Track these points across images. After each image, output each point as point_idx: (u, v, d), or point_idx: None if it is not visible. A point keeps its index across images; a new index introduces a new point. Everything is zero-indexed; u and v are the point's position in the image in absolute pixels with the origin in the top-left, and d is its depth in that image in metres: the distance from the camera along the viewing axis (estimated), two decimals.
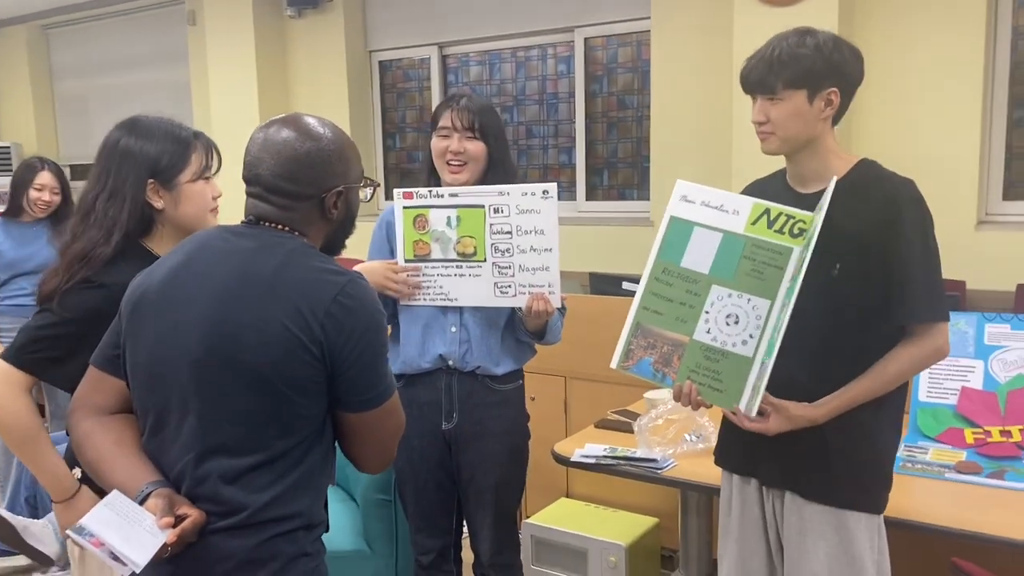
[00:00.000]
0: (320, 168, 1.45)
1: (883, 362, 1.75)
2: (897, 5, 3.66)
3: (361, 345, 1.40)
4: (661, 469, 2.28)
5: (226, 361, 1.36)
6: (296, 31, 5.43)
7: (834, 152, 1.84)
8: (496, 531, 2.39)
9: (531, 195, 2.17)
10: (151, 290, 1.45)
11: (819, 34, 1.79)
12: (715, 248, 1.84)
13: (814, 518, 1.80)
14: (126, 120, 1.86)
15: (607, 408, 2.92)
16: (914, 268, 1.72)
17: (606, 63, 4.70)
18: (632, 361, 1.89)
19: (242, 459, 1.37)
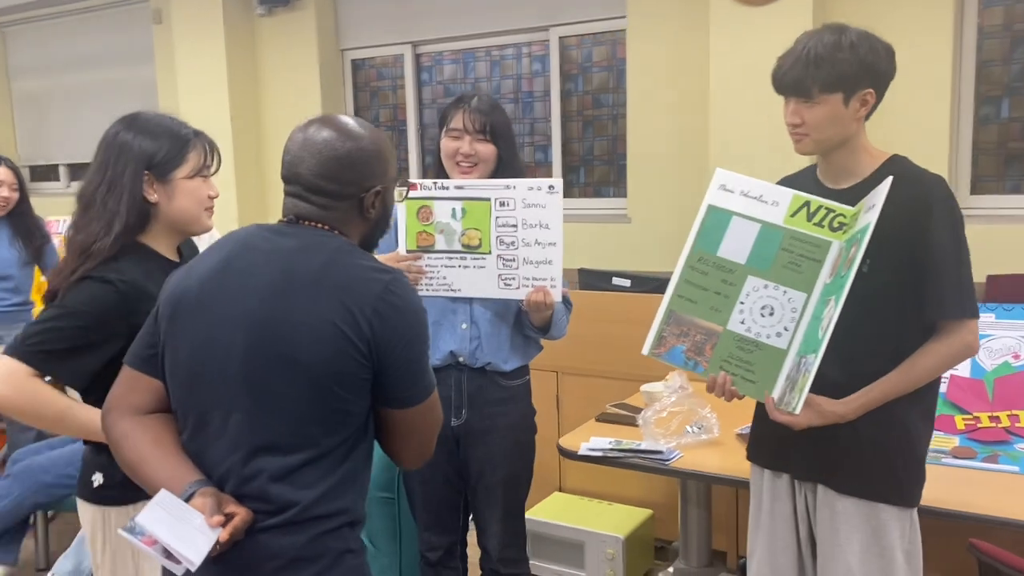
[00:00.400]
0: (360, 168, 1.47)
1: (912, 358, 1.76)
2: (869, 7, 3.75)
3: (406, 342, 1.42)
4: (668, 461, 2.33)
5: (275, 359, 1.37)
6: (267, 29, 5.38)
7: (866, 149, 1.85)
8: (504, 526, 2.41)
9: (537, 190, 2.20)
10: (191, 290, 1.45)
11: (852, 32, 1.77)
12: (753, 238, 1.84)
13: (847, 511, 1.82)
14: (127, 115, 1.88)
15: (599, 402, 2.96)
16: (945, 265, 1.73)
17: (581, 62, 4.74)
18: (664, 348, 1.90)
19: (290, 457, 1.38)
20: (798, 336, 1.77)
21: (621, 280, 3.32)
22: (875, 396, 1.76)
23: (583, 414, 2.94)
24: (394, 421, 1.47)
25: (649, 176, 4.40)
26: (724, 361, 1.83)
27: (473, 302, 2.31)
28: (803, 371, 1.71)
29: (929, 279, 1.73)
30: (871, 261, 1.74)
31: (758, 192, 1.87)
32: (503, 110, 2.35)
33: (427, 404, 1.48)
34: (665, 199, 4.34)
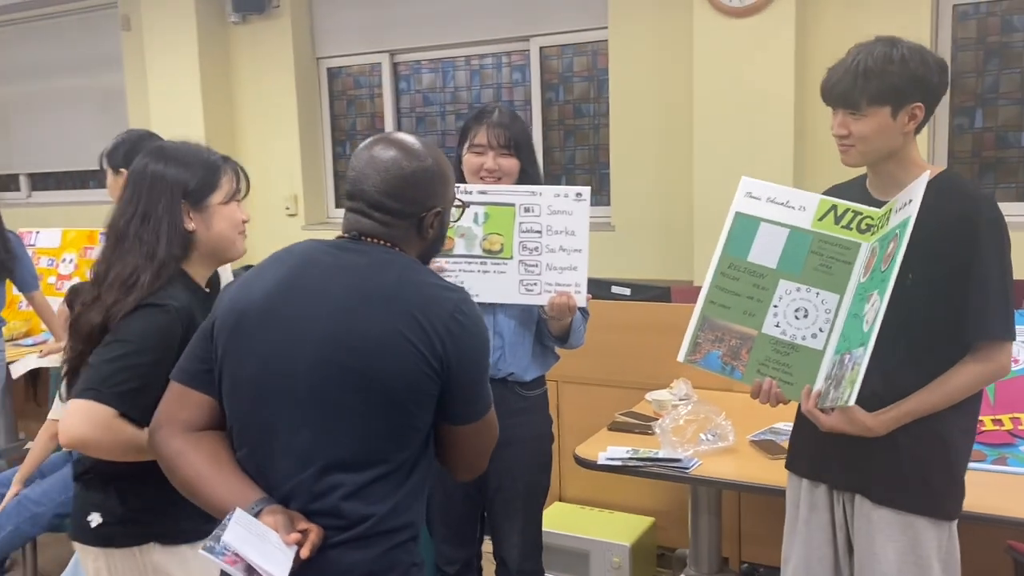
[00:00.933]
0: (423, 188, 1.48)
1: (947, 376, 1.75)
2: (848, 20, 3.85)
3: (473, 361, 1.44)
4: (688, 469, 2.35)
5: (349, 374, 1.37)
6: (240, 37, 5.31)
7: (916, 163, 1.82)
8: (524, 538, 2.41)
9: (564, 197, 2.22)
10: (255, 304, 1.44)
11: (903, 46, 1.75)
12: (782, 243, 1.86)
13: (883, 522, 1.82)
14: (152, 147, 1.84)
15: (601, 412, 2.97)
16: (988, 287, 1.72)
17: (562, 72, 4.77)
18: (699, 355, 1.91)
19: (363, 473, 1.38)
20: (834, 336, 1.80)
21: (620, 289, 3.34)
22: (906, 411, 1.76)
23: (585, 423, 2.95)
24: (453, 436, 1.48)
25: (633, 184, 4.44)
26: (761, 364, 1.84)
27: (497, 312, 2.31)
28: (851, 365, 1.70)
29: (971, 299, 1.73)
30: (913, 275, 1.75)
31: (785, 198, 1.90)
32: (523, 122, 2.35)
33: (485, 421, 1.50)
34: (649, 207, 4.39)
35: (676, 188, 4.26)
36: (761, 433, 2.55)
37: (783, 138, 3.87)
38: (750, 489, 2.41)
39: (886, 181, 1.86)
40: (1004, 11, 3.84)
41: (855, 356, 1.71)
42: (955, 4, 3.89)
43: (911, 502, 1.81)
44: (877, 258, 1.77)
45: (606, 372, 3.28)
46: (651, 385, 3.03)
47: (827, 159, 3.98)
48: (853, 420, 1.77)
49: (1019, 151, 3.89)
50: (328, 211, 5.46)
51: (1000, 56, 3.86)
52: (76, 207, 5.90)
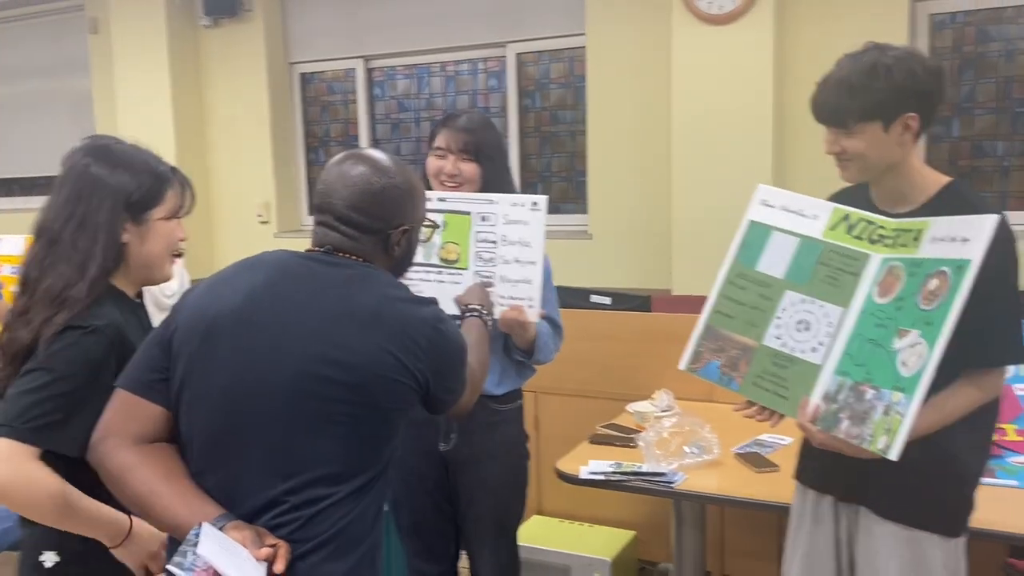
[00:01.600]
0: (391, 205, 1.50)
1: (943, 397, 1.70)
2: (827, 27, 3.84)
3: (453, 365, 1.53)
4: (673, 483, 2.30)
5: (335, 388, 1.36)
6: (212, 41, 5.21)
7: (917, 172, 1.78)
8: (498, 555, 2.35)
9: (520, 206, 2.16)
10: (225, 313, 1.40)
11: (890, 54, 1.69)
12: (792, 253, 1.83)
13: (886, 536, 1.79)
14: (97, 145, 1.67)
15: (580, 423, 2.93)
16: (989, 312, 1.66)
17: (538, 78, 4.73)
18: (700, 364, 1.89)
19: (341, 486, 1.37)
20: (835, 351, 1.74)
21: (600, 298, 3.30)
22: None
23: (565, 435, 2.90)
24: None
25: (610, 192, 4.41)
26: (758, 377, 1.81)
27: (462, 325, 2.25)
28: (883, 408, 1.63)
29: (972, 323, 1.64)
30: None
31: (799, 206, 1.86)
32: (493, 129, 2.30)
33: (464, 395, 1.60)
34: (627, 215, 4.35)
35: (654, 196, 4.22)
36: (746, 445, 2.52)
37: (762, 146, 3.86)
38: (737, 504, 2.36)
39: (890, 193, 1.80)
40: (980, 21, 3.85)
41: (892, 402, 1.63)
42: (931, 13, 3.90)
43: (916, 517, 1.77)
44: (905, 287, 1.68)
45: (586, 383, 3.24)
46: (632, 396, 2.99)
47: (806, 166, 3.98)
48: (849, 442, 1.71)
49: (995, 160, 3.90)
50: (301, 219, 5.38)
51: (976, 66, 3.87)
52: None
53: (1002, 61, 3.82)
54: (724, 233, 1.95)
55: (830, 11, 3.84)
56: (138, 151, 1.68)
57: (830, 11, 3.84)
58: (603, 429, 2.76)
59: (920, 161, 1.80)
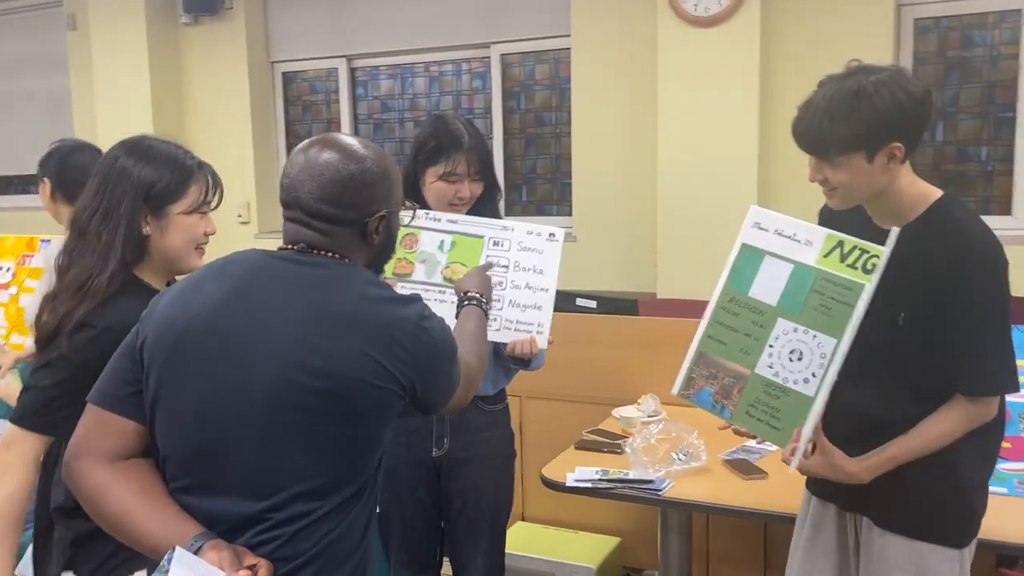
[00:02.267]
0: (364, 192, 1.39)
1: (930, 423, 1.70)
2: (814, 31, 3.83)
3: (441, 365, 1.45)
4: (660, 491, 2.27)
5: (315, 397, 1.29)
6: (192, 39, 5.14)
7: (908, 192, 1.73)
8: (489, 560, 2.33)
9: (536, 235, 2.17)
10: (197, 322, 1.33)
11: (873, 79, 1.63)
12: (785, 279, 1.79)
13: (889, 547, 1.78)
14: (130, 138, 1.76)
15: (565, 428, 2.90)
16: (977, 339, 1.65)
17: (523, 80, 4.70)
18: (693, 390, 1.87)
19: (326, 499, 1.32)
20: (826, 383, 1.72)
21: (586, 301, 3.27)
22: (889, 457, 1.71)
23: (549, 440, 2.87)
24: None
25: (595, 195, 4.38)
26: (750, 406, 1.79)
27: None
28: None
29: (961, 350, 1.66)
30: (905, 315, 1.69)
31: (792, 231, 1.81)
32: (482, 135, 2.28)
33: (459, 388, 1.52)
34: (611, 218, 4.33)
35: (639, 199, 4.20)
36: (734, 452, 2.49)
37: (748, 149, 3.84)
38: (727, 512, 2.34)
39: (883, 214, 1.77)
40: (964, 26, 3.85)
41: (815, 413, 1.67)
42: (916, 18, 3.90)
43: (919, 529, 1.75)
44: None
45: (571, 387, 3.21)
46: (617, 401, 2.96)
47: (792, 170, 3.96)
48: (835, 467, 1.71)
49: (979, 165, 3.91)
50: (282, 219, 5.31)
51: (960, 70, 3.87)
52: (15, 213, 5.67)
53: (986, 66, 3.83)
54: (710, 236, 1.92)
55: (816, 14, 3.83)
56: (168, 145, 1.74)
57: (816, 14, 3.83)
58: (589, 435, 2.73)
59: (910, 178, 1.74)
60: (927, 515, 1.76)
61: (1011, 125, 3.79)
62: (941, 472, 1.74)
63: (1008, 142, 3.81)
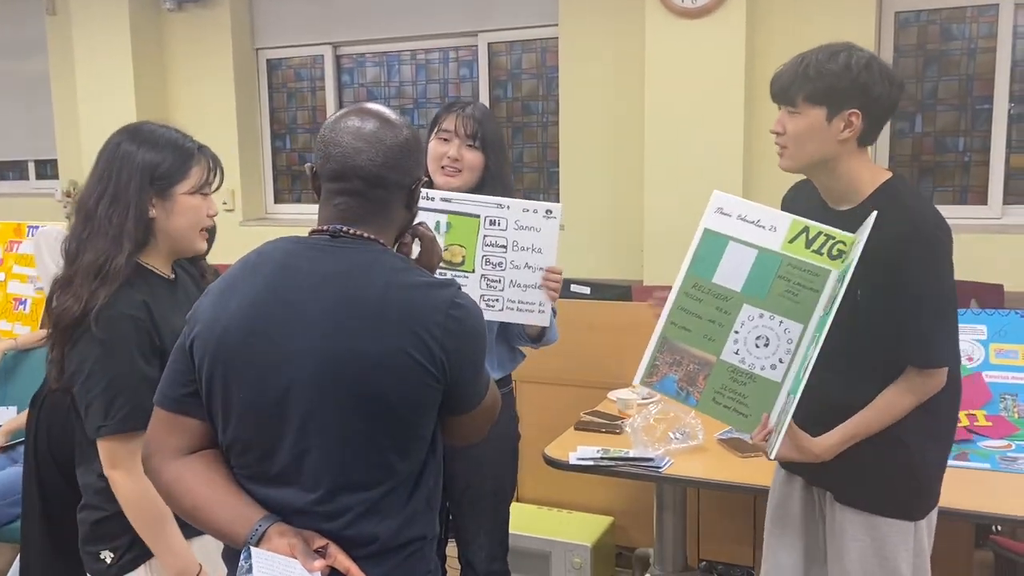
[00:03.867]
0: (414, 157, 1.41)
1: (884, 399, 1.75)
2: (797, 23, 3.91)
3: (475, 352, 1.40)
4: (661, 468, 2.34)
5: (347, 394, 1.30)
6: (176, 25, 5.11)
7: (857, 173, 1.78)
8: (492, 539, 2.37)
9: (533, 212, 2.15)
10: (234, 322, 1.34)
11: (855, 53, 1.73)
12: (749, 265, 1.79)
13: (847, 520, 1.84)
14: (130, 124, 1.81)
15: (561, 411, 2.95)
16: (925, 312, 1.70)
17: (510, 68, 4.73)
18: (656, 378, 1.85)
19: (371, 491, 1.33)
20: (792, 369, 1.75)
21: (580, 287, 3.32)
22: (849, 434, 1.75)
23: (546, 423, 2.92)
24: (460, 422, 1.44)
25: (582, 183, 4.43)
26: (717, 392, 1.80)
27: None
28: (785, 413, 1.68)
29: (909, 324, 1.71)
30: (861, 291, 1.74)
31: (756, 216, 1.82)
32: (497, 121, 2.30)
33: (486, 401, 1.46)
34: (599, 206, 4.38)
35: (626, 187, 4.26)
36: (728, 431, 2.56)
37: (733, 138, 3.91)
38: (722, 488, 2.42)
39: (829, 192, 1.83)
40: (943, 19, 3.95)
41: (790, 402, 1.66)
42: (897, 11, 3.99)
43: (873, 503, 1.81)
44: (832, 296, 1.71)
45: (566, 371, 3.26)
46: (612, 384, 3.02)
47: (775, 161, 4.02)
48: (801, 448, 1.76)
49: (956, 155, 4.02)
50: (267, 206, 5.31)
51: (939, 63, 3.98)
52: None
53: (964, 59, 3.93)
54: (695, 224, 1.93)
55: (800, 7, 3.91)
56: (167, 130, 1.78)
57: (800, 7, 3.91)
58: (587, 416, 2.79)
59: (865, 161, 1.80)
60: (879, 490, 1.80)
61: (988, 117, 3.90)
62: (893, 447, 1.79)
63: (985, 133, 3.92)
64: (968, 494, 2.17)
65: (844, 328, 1.70)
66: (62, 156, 5.38)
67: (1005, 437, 2.47)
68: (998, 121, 3.88)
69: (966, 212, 3.96)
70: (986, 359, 2.63)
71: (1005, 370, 2.61)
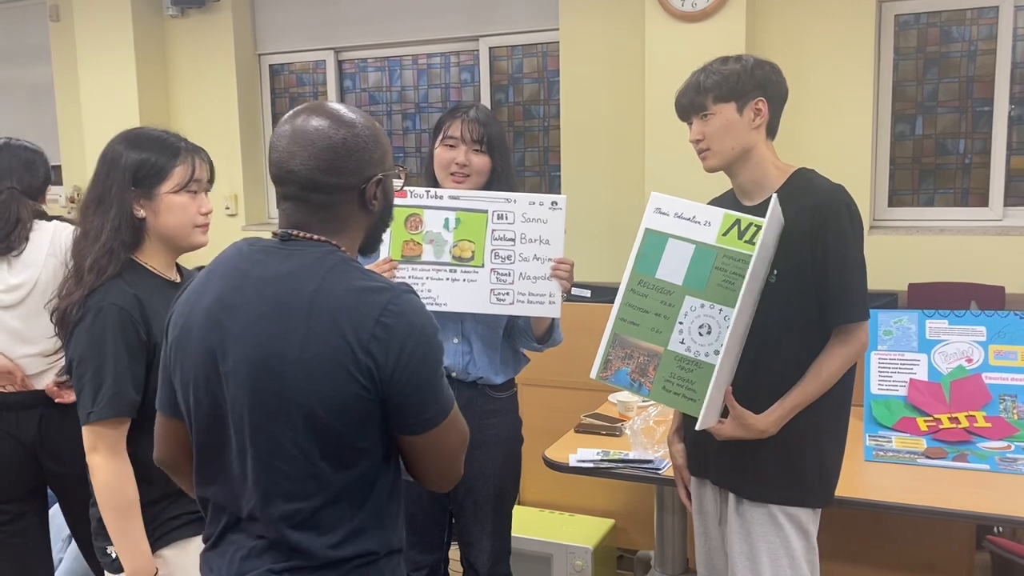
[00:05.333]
0: (359, 156, 1.32)
1: (819, 363, 1.86)
2: (797, 26, 3.92)
3: (412, 364, 1.28)
4: (660, 470, 2.34)
5: (274, 402, 1.28)
6: (178, 31, 5.14)
7: (771, 163, 1.94)
8: (494, 542, 2.38)
9: (539, 205, 2.18)
10: (192, 329, 1.35)
11: (743, 56, 1.93)
12: (688, 259, 1.90)
13: (752, 517, 1.91)
14: (127, 130, 1.85)
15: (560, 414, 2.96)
16: (843, 272, 1.83)
17: (511, 72, 4.75)
18: (610, 372, 1.95)
19: (307, 502, 1.30)
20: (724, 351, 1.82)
21: (580, 290, 3.33)
22: (788, 407, 1.85)
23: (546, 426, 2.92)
24: (412, 447, 1.35)
25: (584, 187, 4.44)
26: (666, 381, 1.89)
27: (464, 319, 2.27)
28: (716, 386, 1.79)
29: (830, 286, 1.83)
30: (778, 272, 1.86)
31: (691, 213, 1.93)
32: (500, 124, 2.32)
33: (445, 425, 1.35)
34: (600, 210, 4.39)
35: (628, 191, 4.27)
36: None
37: None
38: None
39: (746, 185, 1.96)
40: (943, 22, 3.96)
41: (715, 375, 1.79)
42: (897, 14, 4.00)
43: (774, 494, 1.89)
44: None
45: (566, 374, 3.26)
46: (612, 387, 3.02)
47: None
48: (746, 426, 1.86)
49: (957, 158, 4.02)
50: (269, 211, 5.33)
51: (939, 65, 3.98)
52: None
53: (964, 61, 3.94)
54: None
55: (800, 11, 3.92)
56: (159, 132, 1.82)
57: (800, 11, 3.92)
58: (588, 419, 2.79)
59: (773, 155, 1.95)
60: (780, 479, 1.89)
61: (988, 119, 3.91)
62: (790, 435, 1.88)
63: (985, 135, 3.92)
64: (968, 495, 2.18)
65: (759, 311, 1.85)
66: (66, 162, 5.41)
67: (1004, 438, 2.47)
68: (998, 123, 3.88)
69: (967, 214, 3.97)
70: (985, 360, 2.63)
71: (1005, 371, 2.61)
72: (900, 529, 2.63)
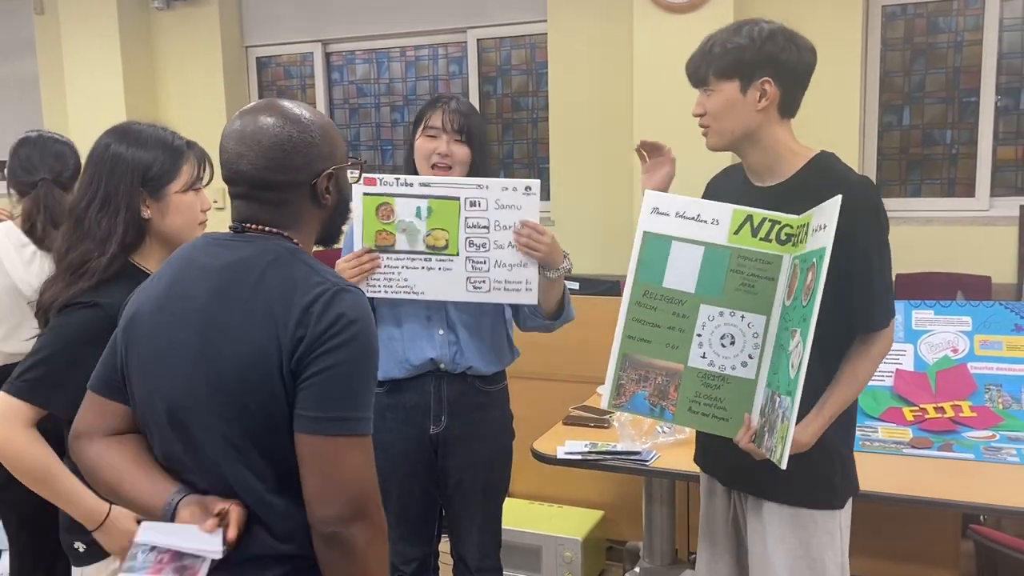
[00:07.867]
0: (307, 152, 1.31)
1: (852, 368, 1.69)
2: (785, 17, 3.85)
3: (327, 352, 1.23)
4: (647, 461, 2.35)
5: (214, 395, 1.27)
6: (165, 24, 5.11)
7: (785, 146, 1.75)
8: (483, 535, 2.37)
9: (512, 190, 2.14)
10: (142, 315, 1.36)
11: (758, 25, 1.73)
12: (698, 263, 1.71)
13: (772, 518, 1.76)
14: (117, 125, 1.78)
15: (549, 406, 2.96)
16: (871, 278, 1.66)
17: (499, 64, 4.74)
18: (624, 398, 1.76)
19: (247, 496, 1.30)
20: (764, 363, 1.67)
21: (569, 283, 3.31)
22: (828, 415, 1.69)
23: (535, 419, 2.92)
24: (302, 450, 1.24)
25: (572, 179, 4.45)
26: (692, 401, 1.71)
27: (448, 308, 2.26)
28: (781, 415, 1.57)
29: (857, 290, 1.66)
30: None
31: (695, 211, 1.74)
32: (480, 115, 2.31)
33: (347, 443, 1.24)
34: (589, 202, 4.40)
35: (616, 183, 4.28)
36: None
37: None
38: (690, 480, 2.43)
39: (755, 167, 1.78)
40: (930, 13, 3.97)
41: (783, 405, 1.57)
42: (884, 5, 4.01)
43: (796, 495, 1.75)
44: (799, 284, 1.64)
45: (555, 367, 3.27)
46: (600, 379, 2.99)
47: None
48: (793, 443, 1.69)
49: (944, 148, 4.04)
50: None
51: (926, 56, 3.99)
52: None
53: (951, 52, 3.95)
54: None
55: (788, 1, 3.92)
56: (154, 129, 1.76)
57: (788, 1, 3.92)
58: (576, 411, 2.80)
59: (789, 136, 1.77)
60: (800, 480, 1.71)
61: (975, 109, 3.92)
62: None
63: (972, 126, 3.94)
64: (953, 485, 2.19)
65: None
66: None
67: (990, 428, 2.49)
68: (985, 113, 3.90)
69: (954, 204, 3.99)
70: (971, 350, 2.64)
71: (990, 361, 2.62)
72: (886, 519, 2.64)
